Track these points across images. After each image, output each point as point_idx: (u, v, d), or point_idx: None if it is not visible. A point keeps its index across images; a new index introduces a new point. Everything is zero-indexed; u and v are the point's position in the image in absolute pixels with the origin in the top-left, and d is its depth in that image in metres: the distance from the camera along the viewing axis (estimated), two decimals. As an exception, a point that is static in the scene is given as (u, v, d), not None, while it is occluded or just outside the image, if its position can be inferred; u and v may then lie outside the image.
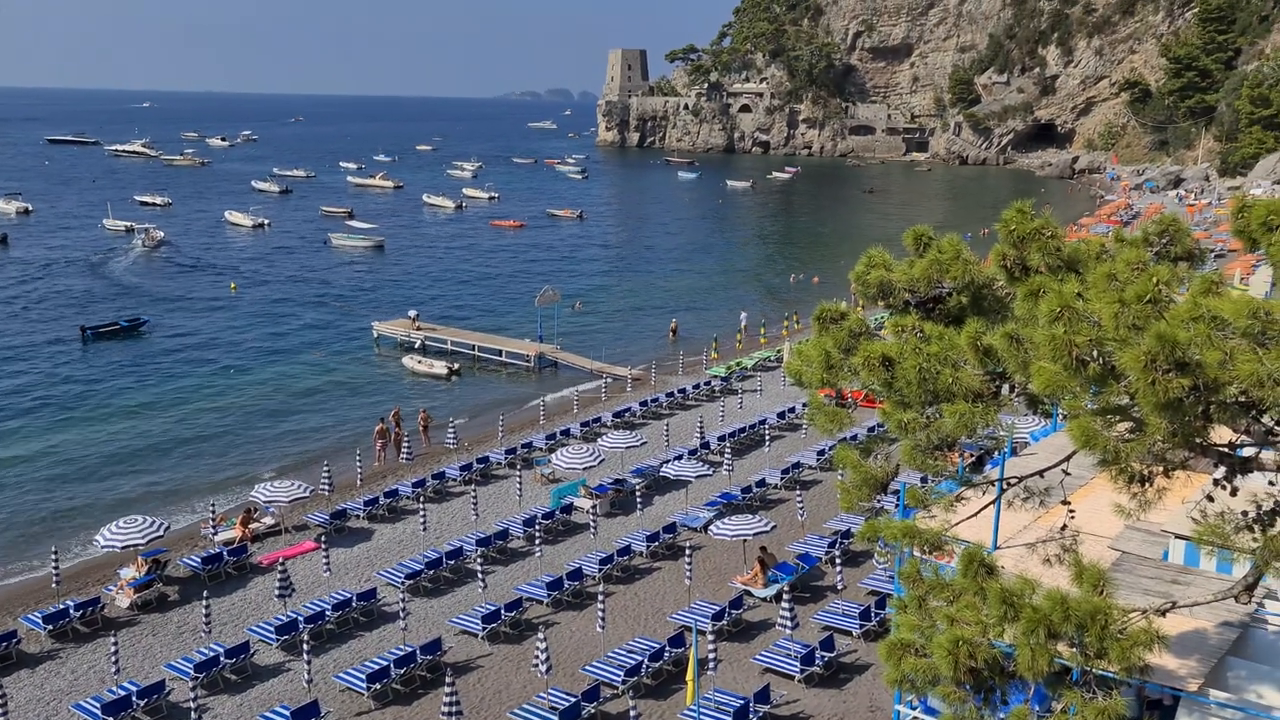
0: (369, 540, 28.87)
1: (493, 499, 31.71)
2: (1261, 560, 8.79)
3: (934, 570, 10.37)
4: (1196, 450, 8.58)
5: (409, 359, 49.60)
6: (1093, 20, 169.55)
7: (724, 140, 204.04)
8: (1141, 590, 13.40)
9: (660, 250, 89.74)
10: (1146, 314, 7.65)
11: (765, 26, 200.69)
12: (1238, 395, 7.60)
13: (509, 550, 27.88)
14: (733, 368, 47.25)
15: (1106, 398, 8.34)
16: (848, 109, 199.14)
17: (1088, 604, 8.65)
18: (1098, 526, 15.00)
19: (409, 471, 34.58)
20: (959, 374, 9.65)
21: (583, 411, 41.14)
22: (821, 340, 11.16)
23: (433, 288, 70.08)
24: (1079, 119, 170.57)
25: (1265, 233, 7.20)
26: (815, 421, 11.73)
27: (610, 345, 52.99)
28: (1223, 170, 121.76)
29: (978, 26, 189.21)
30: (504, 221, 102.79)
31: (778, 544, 27.20)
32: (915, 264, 11.16)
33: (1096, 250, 10.53)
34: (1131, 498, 9.18)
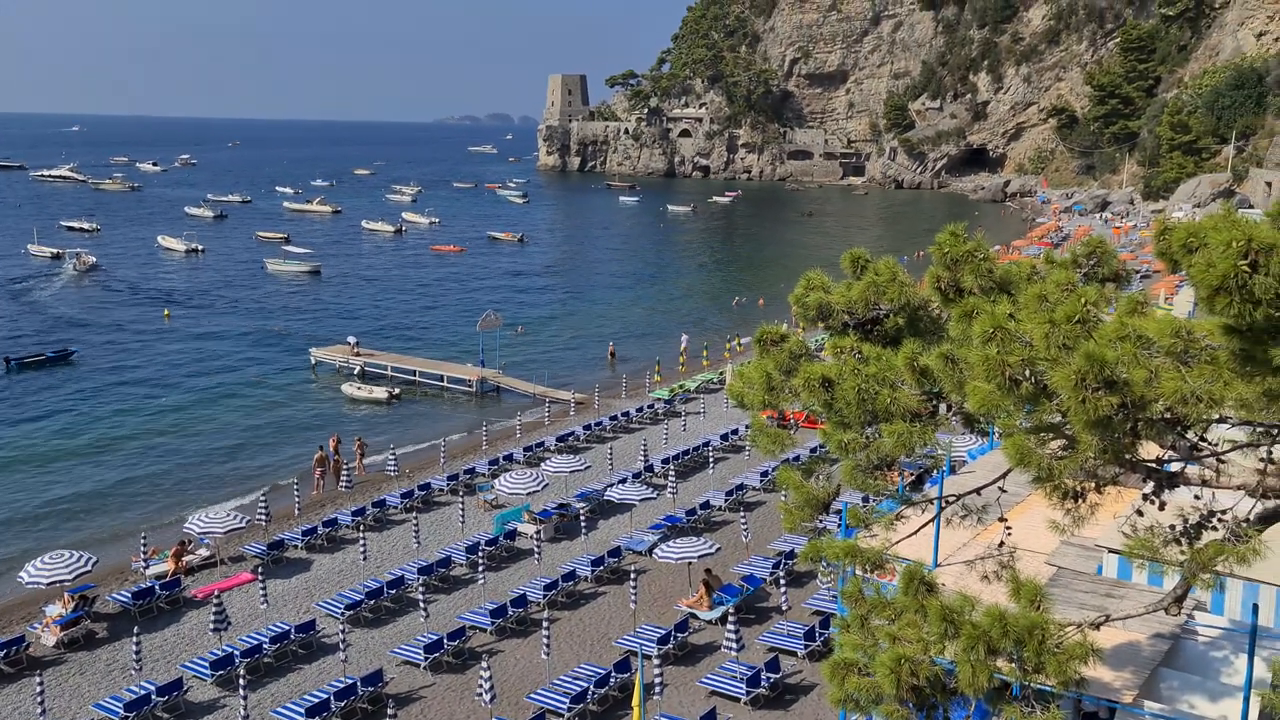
0: (308, 571, 28.30)
1: (435, 526, 31.31)
2: (1189, 572, 9.01)
3: (876, 589, 10.46)
4: (1126, 466, 8.80)
5: (348, 385, 48.90)
6: (1020, 49, 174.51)
7: (665, 164, 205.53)
8: (1077, 604, 13.65)
9: (602, 274, 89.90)
10: (1076, 334, 7.84)
11: (704, 53, 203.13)
12: (1163, 412, 7.81)
13: (452, 578, 27.52)
14: (676, 390, 47.40)
15: (1039, 416, 8.52)
16: (786, 134, 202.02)
17: (1025, 619, 8.78)
18: (1034, 542, 15.28)
19: (348, 500, 34.02)
20: (897, 394, 9.78)
21: (526, 436, 40.90)
22: (763, 362, 11.25)
23: (372, 313, 69.30)
24: (1010, 144, 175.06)
25: (1185, 254, 7.42)
26: (758, 443, 11.81)
27: (553, 369, 52.84)
28: (1146, 194, 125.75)
29: (911, 54, 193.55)
30: (445, 246, 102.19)
31: (722, 566, 27.24)
32: (853, 286, 11.31)
33: (1027, 272, 10.78)
34: (1065, 514, 9.36)
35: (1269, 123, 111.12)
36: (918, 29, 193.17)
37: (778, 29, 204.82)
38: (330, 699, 20.50)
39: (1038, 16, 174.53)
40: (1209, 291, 6.92)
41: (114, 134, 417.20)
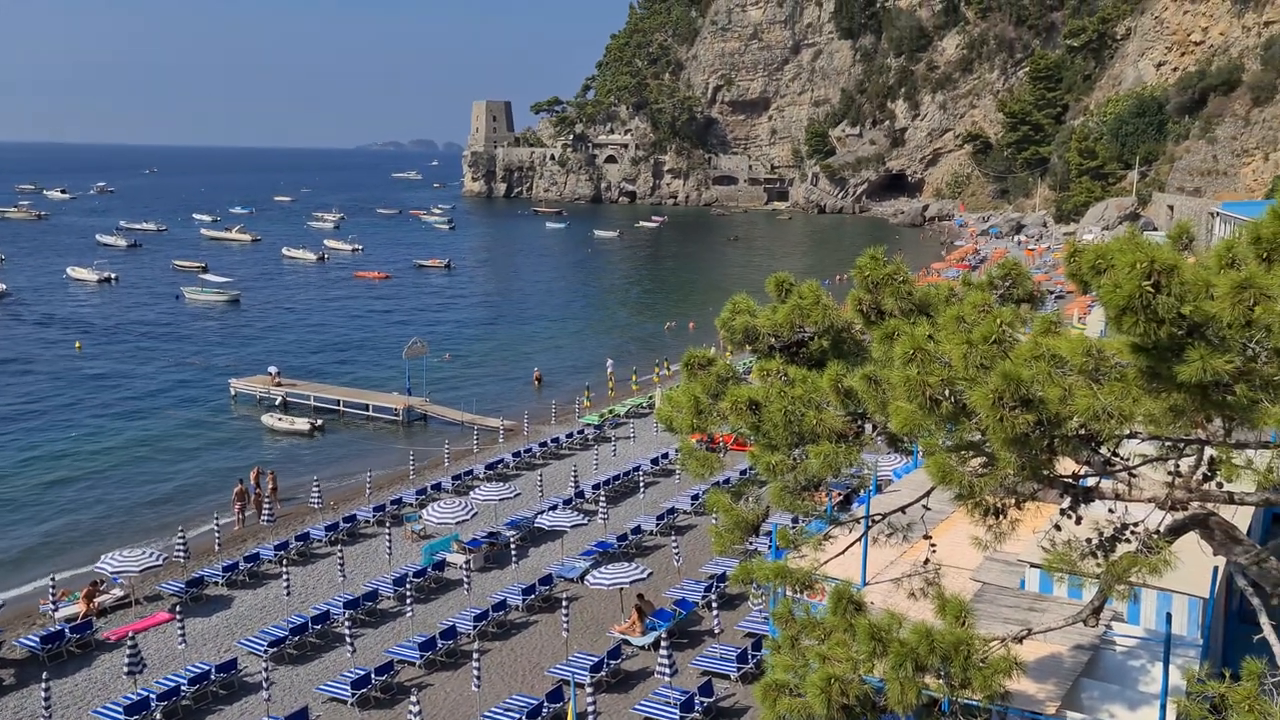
0: (228, 608, 27.46)
1: (361, 559, 30.68)
2: (1105, 584, 9.26)
3: (806, 610, 10.53)
4: (1044, 482, 9.02)
5: (269, 417, 47.80)
6: (935, 77, 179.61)
7: (591, 190, 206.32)
8: (1001, 619, 13.92)
9: (530, 299, 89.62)
10: (992, 354, 8.04)
11: (628, 80, 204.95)
12: (1077, 428, 8.04)
13: (379, 611, 26.96)
14: (606, 415, 47.34)
15: (960, 434, 8.70)
16: (710, 160, 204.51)
17: (951, 635, 8.92)
18: (959, 559, 15.56)
19: (271, 534, 33.17)
20: (822, 415, 9.91)
21: (454, 465, 40.41)
22: (690, 386, 11.31)
23: (294, 342, 67.95)
24: (927, 169, 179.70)
25: (1095, 276, 7.68)
26: (687, 466, 11.83)
27: (482, 396, 52.38)
28: (1058, 217, 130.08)
29: (830, 82, 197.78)
30: (368, 273, 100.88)
31: (655, 591, 27.17)
32: (778, 310, 11.46)
33: (945, 294, 11.05)
34: (987, 530, 9.56)
35: (1169, 149, 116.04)
36: (836, 58, 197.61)
37: (700, 57, 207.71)
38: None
39: (951, 46, 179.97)
40: (1116, 311, 7.16)
41: (21, 161, 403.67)
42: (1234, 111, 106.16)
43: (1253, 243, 8.02)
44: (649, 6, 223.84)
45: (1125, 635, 14.64)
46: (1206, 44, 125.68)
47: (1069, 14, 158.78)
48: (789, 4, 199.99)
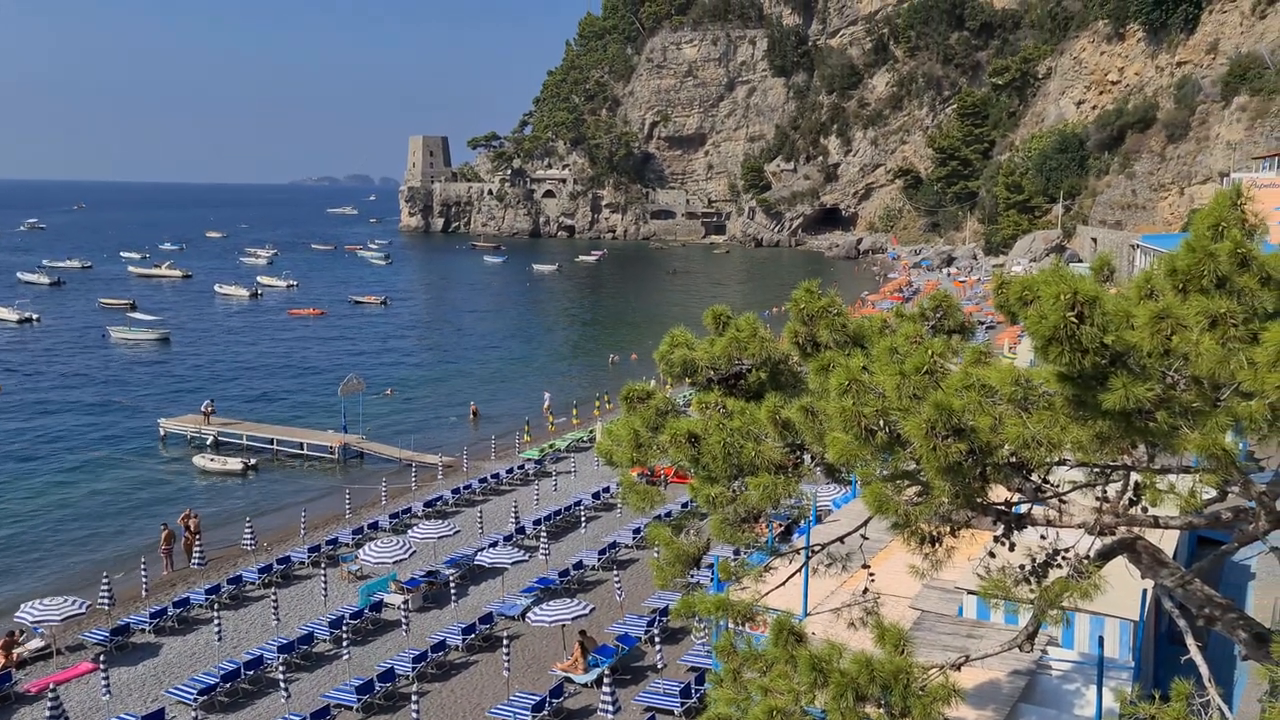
0: (156, 656, 26.57)
1: (295, 601, 29.96)
2: (1039, 610, 9.42)
3: (748, 642, 10.53)
4: (978, 509, 9.17)
5: (200, 457, 46.64)
6: (867, 114, 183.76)
7: (530, 225, 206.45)
8: (940, 646, 14.08)
9: (469, 334, 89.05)
10: (925, 384, 8.18)
11: (565, 116, 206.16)
12: (1009, 456, 8.21)
13: (314, 655, 26.31)
14: (546, 450, 47.06)
15: (895, 464, 8.82)
16: (648, 194, 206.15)
17: (891, 664, 8.98)
18: (898, 587, 15.71)
19: (202, 577, 32.26)
20: (761, 447, 9.98)
21: (391, 503, 39.78)
22: (630, 419, 11.31)
23: (226, 380, 66.51)
24: (861, 203, 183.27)
25: (1022, 307, 7.88)
26: (628, 500, 11.81)
27: (419, 432, 51.74)
28: (987, 249, 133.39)
29: (765, 118, 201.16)
30: (303, 309, 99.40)
31: (597, 626, 26.95)
32: (716, 342, 11.55)
33: (879, 325, 11.24)
34: (924, 558, 9.69)
35: (1091, 183, 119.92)
36: (770, 95, 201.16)
37: (637, 93, 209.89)
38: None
39: (881, 84, 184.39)
40: (1043, 341, 7.34)
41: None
42: (1150, 148, 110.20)
43: (1169, 274, 8.31)
44: (586, 44, 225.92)
45: (1060, 659, 14.90)
46: (1123, 83, 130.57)
47: (993, 54, 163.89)
48: (723, 43, 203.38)
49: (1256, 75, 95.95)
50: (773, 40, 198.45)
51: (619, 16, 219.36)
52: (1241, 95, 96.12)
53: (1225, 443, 7.65)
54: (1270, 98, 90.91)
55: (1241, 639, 9.53)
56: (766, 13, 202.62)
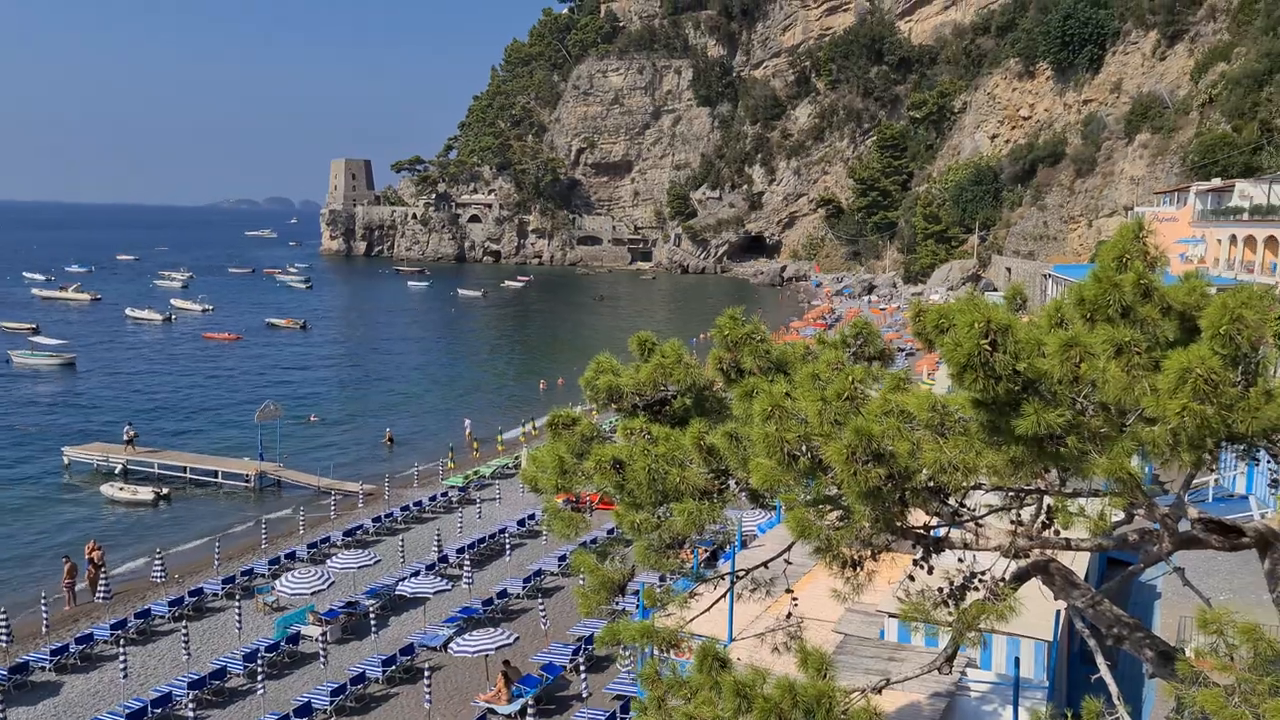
0: (56, 695, 25.42)
1: (208, 634, 29.00)
2: (957, 632, 9.60)
3: (673, 669, 10.51)
4: (897, 533, 9.33)
5: (108, 486, 44.97)
6: (790, 144, 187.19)
7: (455, 249, 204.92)
8: (863, 670, 14.22)
9: (391, 360, 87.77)
10: (846, 410, 8.32)
11: (491, 141, 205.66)
12: (927, 481, 8.38)
13: (228, 690, 25.46)
14: (470, 477, 46.52)
15: (817, 489, 8.94)
16: (575, 220, 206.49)
17: (813, 689, 9.05)
18: (821, 611, 15.86)
19: (107, 612, 31.02)
20: (685, 473, 10.02)
21: (310, 532, 38.85)
22: (555, 446, 11.27)
23: (138, 407, 64.33)
24: (784, 231, 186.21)
25: (938, 334, 8.09)
26: (553, 527, 11.74)
27: (339, 460, 50.71)
28: (907, 278, 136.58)
29: (690, 146, 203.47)
30: (219, 334, 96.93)
31: (521, 656, 26.62)
32: (641, 369, 11.59)
33: (801, 352, 11.41)
34: (846, 582, 9.81)
35: (1005, 214, 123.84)
36: (695, 124, 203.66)
37: (563, 120, 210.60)
38: (84, 839, 18.33)
39: (804, 115, 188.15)
40: (958, 368, 7.53)
41: None
42: (1060, 182, 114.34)
43: (1077, 304, 8.61)
44: (512, 70, 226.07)
45: (979, 680, 15.17)
46: (1034, 119, 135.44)
47: (911, 88, 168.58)
48: (649, 71, 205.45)
49: (1157, 114, 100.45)
50: (698, 70, 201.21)
51: (545, 44, 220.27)
52: (1143, 133, 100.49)
53: (1131, 467, 7.93)
54: (1170, 135, 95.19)
55: (1148, 657, 9.84)
56: (691, 43, 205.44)
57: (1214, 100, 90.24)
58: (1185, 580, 10.51)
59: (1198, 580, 12.08)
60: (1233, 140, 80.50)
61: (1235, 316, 7.59)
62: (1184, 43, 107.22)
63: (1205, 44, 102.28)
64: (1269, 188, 60.55)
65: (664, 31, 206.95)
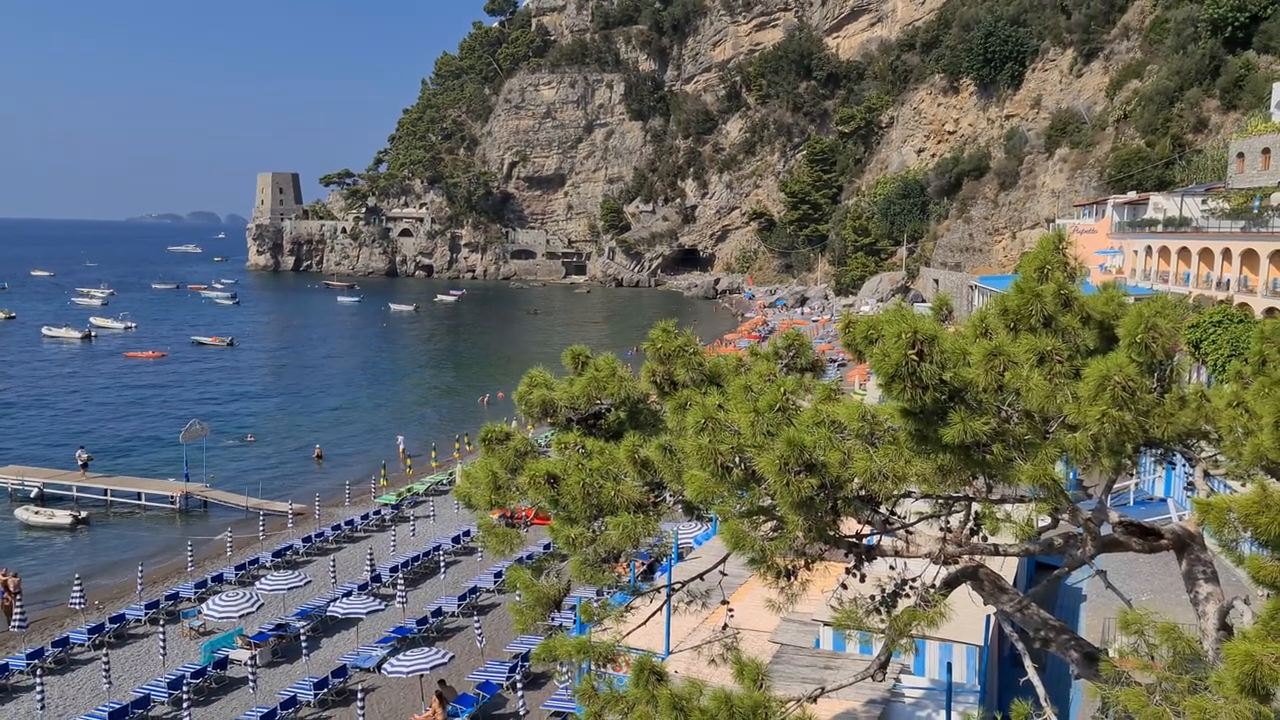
0: (-30, 730, 24.41)
1: (131, 662, 28.09)
2: (889, 639, 9.71)
3: (609, 684, 10.46)
4: (830, 542, 9.42)
5: (23, 510, 43.37)
6: (721, 158, 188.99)
7: (385, 264, 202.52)
8: (799, 679, 14.30)
9: (322, 376, 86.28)
10: (778, 421, 8.38)
11: (422, 154, 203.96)
12: (858, 490, 8.47)
13: (151, 719, 24.68)
14: (403, 494, 45.86)
15: (752, 500, 8.98)
16: (508, 234, 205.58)
17: (749, 699, 9.07)
18: (757, 622, 15.95)
19: (23, 641, 29.86)
20: (620, 487, 10.00)
21: (238, 554, 37.92)
22: (488, 461, 11.17)
23: (55, 429, 62.26)
24: (718, 244, 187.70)
25: (867, 345, 8.20)
26: (488, 544, 11.62)
27: (269, 480, 49.60)
28: (838, 290, 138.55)
29: (623, 160, 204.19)
30: (142, 352, 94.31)
31: (457, 675, 26.27)
32: (575, 382, 11.55)
33: (734, 364, 11.48)
34: (781, 592, 9.87)
35: (932, 227, 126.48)
36: (628, 137, 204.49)
37: (495, 133, 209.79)
38: None
39: (735, 129, 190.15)
40: (886, 378, 7.64)
41: None
42: (984, 194, 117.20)
43: (1001, 314, 8.80)
44: (442, 83, 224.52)
45: (913, 686, 15.36)
46: (959, 133, 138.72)
47: (840, 103, 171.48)
48: (581, 85, 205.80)
49: (1075, 129, 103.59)
50: (629, 84, 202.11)
51: (476, 57, 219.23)
52: (1063, 147, 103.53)
53: (1054, 473, 8.11)
54: (1088, 150, 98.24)
55: (1073, 659, 10.06)
56: (623, 58, 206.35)
57: (1128, 116, 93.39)
58: (1107, 583, 10.78)
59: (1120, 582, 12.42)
60: (1147, 155, 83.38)
61: (1150, 325, 7.83)
62: (1099, 60, 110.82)
63: (1120, 61, 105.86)
64: (1181, 200, 62.85)
65: (595, 46, 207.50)
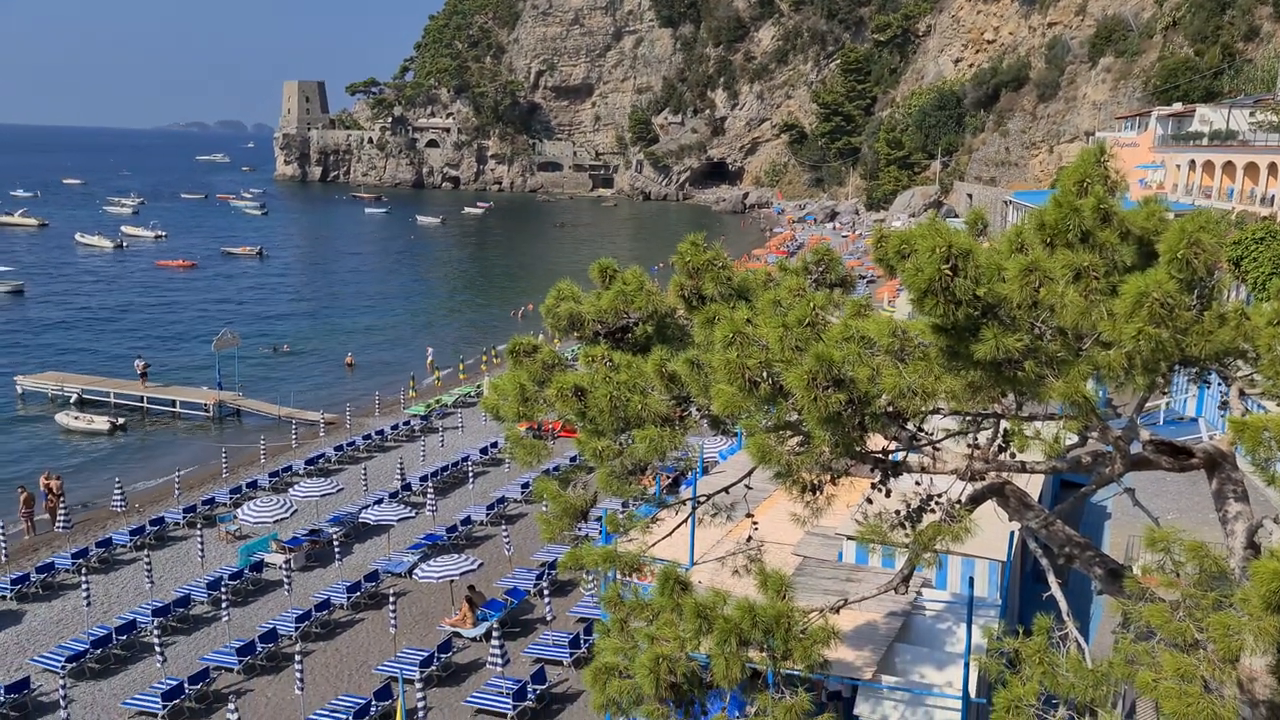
0: (19, 624, 25.35)
1: (170, 563, 28.96)
2: (913, 553, 9.79)
3: (635, 592, 10.65)
4: (857, 458, 9.43)
5: (64, 415, 44.35)
6: (753, 67, 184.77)
7: (412, 175, 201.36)
8: (821, 590, 14.52)
9: (350, 288, 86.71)
10: (806, 336, 8.31)
11: (448, 63, 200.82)
12: (886, 406, 8.43)
13: (192, 617, 25.53)
14: (432, 405, 46.40)
15: (778, 415, 8.97)
16: (535, 145, 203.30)
17: (772, 609, 9.21)
18: (781, 535, 16.11)
19: (67, 541, 30.83)
20: (648, 400, 10.01)
21: (271, 461, 38.68)
22: (516, 374, 11.21)
23: (90, 335, 63.23)
24: (747, 158, 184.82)
25: (899, 260, 8.08)
26: (515, 455, 11.74)
27: (300, 389, 50.30)
28: (869, 204, 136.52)
29: (652, 69, 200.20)
30: (172, 261, 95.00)
31: (486, 581, 26.90)
32: (602, 296, 11.50)
33: (763, 279, 11.37)
34: (805, 506, 9.92)
35: (967, 140, 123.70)
36: (657, 45, 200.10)
37: (522, 41, 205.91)
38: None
39: (767, 37, 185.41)
40: (919, 294, 7.53)
41: None
42: (1023, 107, 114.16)
43: (1037, 229, 8.61)
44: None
45: (934, 600, 15.55)
46: (998, 43, 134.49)
47: (876, 10, 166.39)
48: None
49: (1121, 37, 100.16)
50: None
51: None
52: (1107, 56, 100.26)
53: (1086, 390, 8.03)
54: (1133, 59, 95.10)
55: (1097, 575, 10.11)
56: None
57: (1177, 23, 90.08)
58: (1135, 500, 10.76)
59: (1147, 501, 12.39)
60: (1194, 64, 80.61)
61: (1193, 241, 7.64)
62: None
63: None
64: (1228, 113, 60.91)
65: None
